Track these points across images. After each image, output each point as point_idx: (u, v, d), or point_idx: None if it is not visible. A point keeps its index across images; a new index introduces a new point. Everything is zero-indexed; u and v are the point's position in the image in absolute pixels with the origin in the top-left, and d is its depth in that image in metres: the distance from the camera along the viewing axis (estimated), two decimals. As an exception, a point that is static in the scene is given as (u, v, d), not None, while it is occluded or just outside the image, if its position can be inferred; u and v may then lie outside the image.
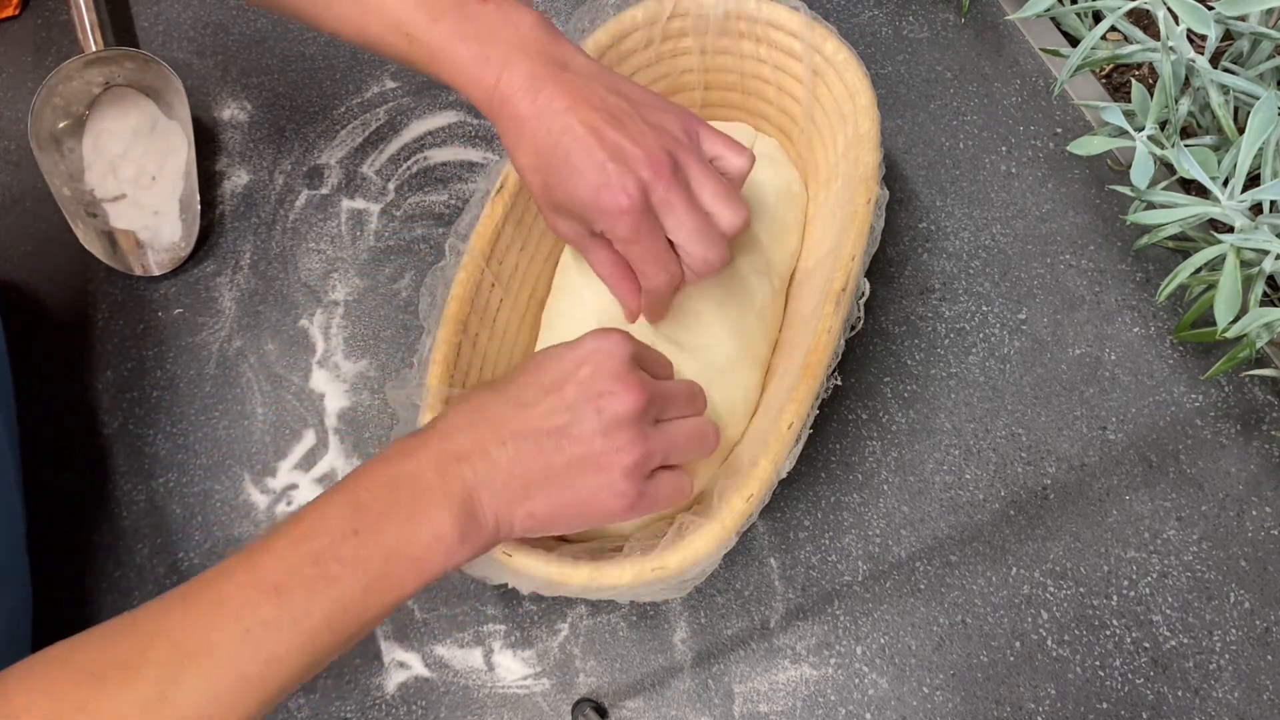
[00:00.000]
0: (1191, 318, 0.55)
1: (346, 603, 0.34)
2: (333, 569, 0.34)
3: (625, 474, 0.38)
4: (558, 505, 0.38)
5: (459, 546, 0.36)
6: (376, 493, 0.36)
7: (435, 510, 0.35)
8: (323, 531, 0.34)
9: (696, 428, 0.41)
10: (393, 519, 0.35)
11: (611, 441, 0.38)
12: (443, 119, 0.66)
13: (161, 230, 0.62)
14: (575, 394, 0.38)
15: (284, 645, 0.33)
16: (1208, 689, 0.50)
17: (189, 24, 0.70)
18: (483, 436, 0.37)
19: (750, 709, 0.50)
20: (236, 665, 0.32)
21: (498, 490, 0.37)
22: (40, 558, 0.54)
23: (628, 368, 0.39)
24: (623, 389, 0.38)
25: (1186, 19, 0.47)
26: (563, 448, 0.37)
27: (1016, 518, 0.54)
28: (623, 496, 0.38)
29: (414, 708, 0.50)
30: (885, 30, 0.68)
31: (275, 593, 0.33)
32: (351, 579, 0.34)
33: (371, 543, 0.34)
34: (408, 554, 0.35)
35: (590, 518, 0.38)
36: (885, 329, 0.58)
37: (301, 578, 0.33)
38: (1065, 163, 0.63)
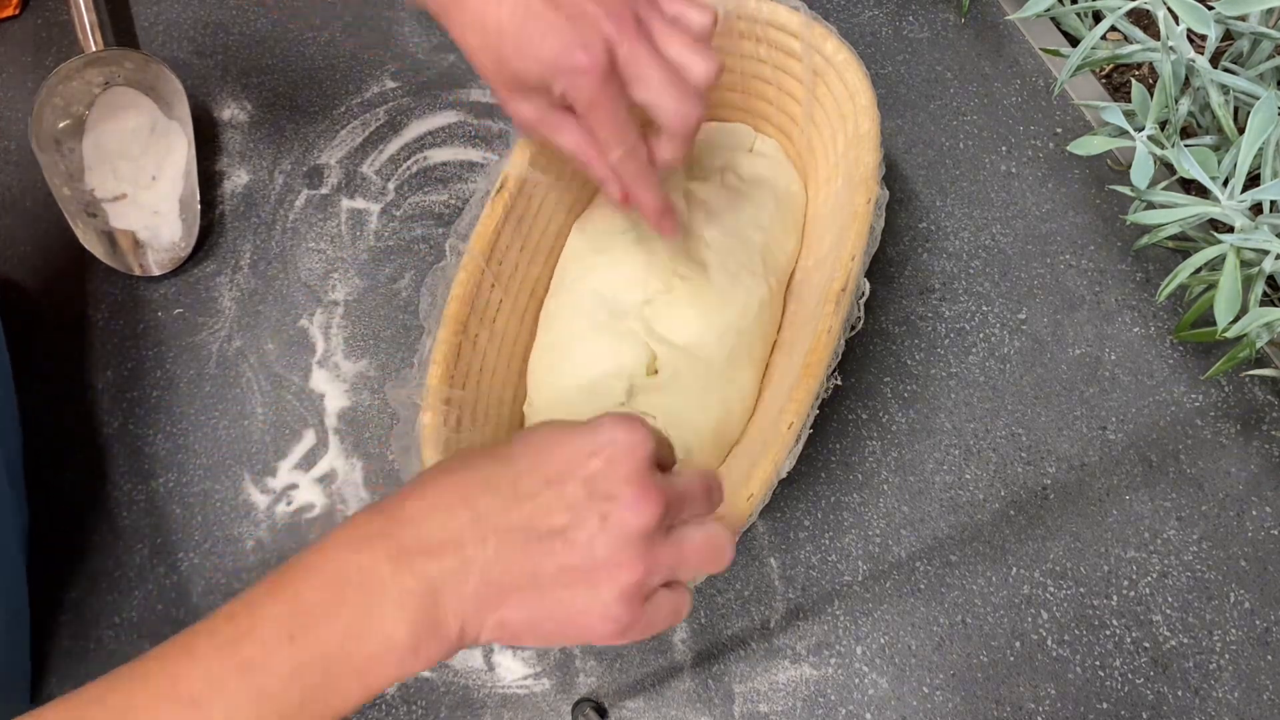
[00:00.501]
0: (1191, 318, 0.55)
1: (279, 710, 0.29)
2: (261, 680, 0.29)
3: (621, 595, 0.32)
4: (536, 618, 0.32)
5: (411, 657, 0.31)
6: (320, 592, 0.30)
7: (388, 615, 0.30)
8: (256, 636, 0.30)
9: (711, 540, 0.35)
10: (337, 623, 0.30)
11: (613, 556, 0.32)
12: (443, 119, 0.66)
13: (161, 230, 0.62)
14: (580, 493, 0.32)
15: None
16: (1208, 689, 0.50)
17: (189, 24, 0.70)
18: (461, 528, 0.32)
19: (750, 709, 0.50)
20: None
21: (467, 595, 0.31)
22: (40, 558, 0.54)
23: (645, 470, 0.33)
24: (636, 497, 0.32)
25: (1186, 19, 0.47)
26: (554, 553, 0.32)
27: (1016, 518, 0.54)
28: (614, 621, 0.32)
29: (414, 708, 0.50)
30: (885, 30, 0.68)
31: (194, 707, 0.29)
32: (285, 693, 0.29)
33: (310, 651, 0.30)
34: (352, 665, 0.30)
35: (571, 637, 0.33)
36: (885, 329, 0.58)
37: (225, 692, 0.29)
38: (1065, 163, 0.63)
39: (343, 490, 0.55)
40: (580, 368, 0.50)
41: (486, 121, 0.66)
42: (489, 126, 0.66)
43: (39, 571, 0.53)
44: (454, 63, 0.68)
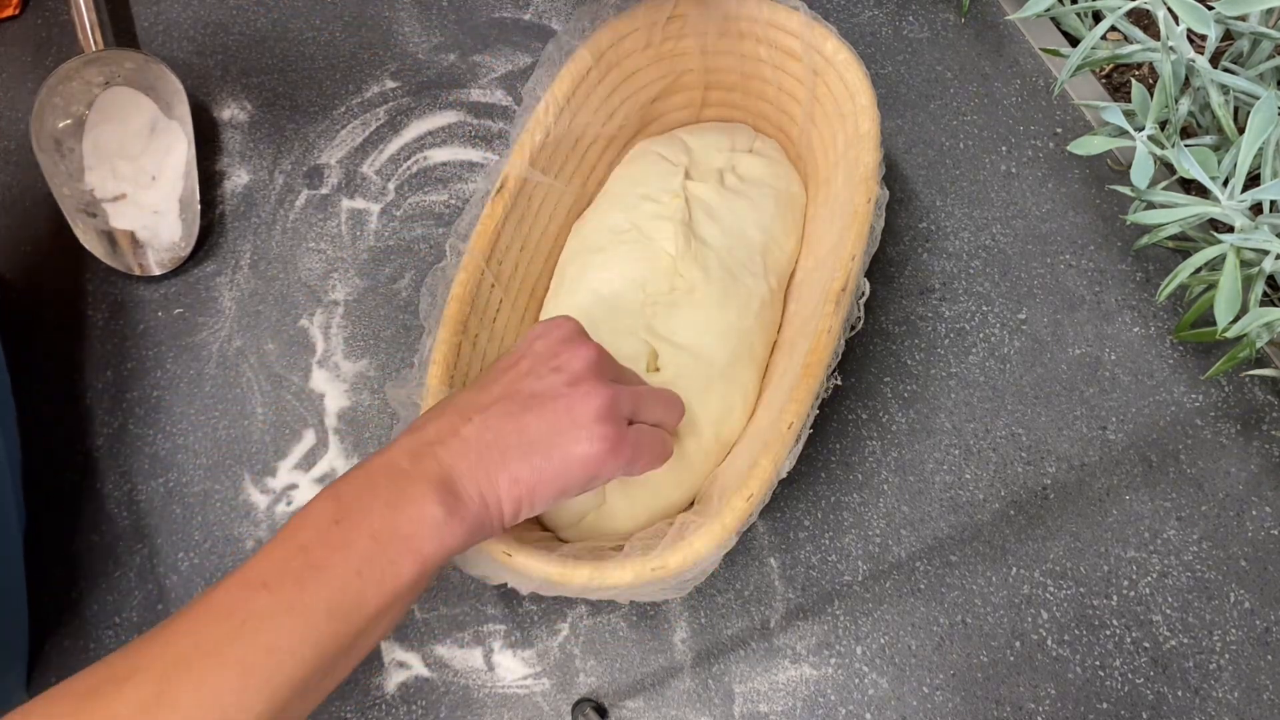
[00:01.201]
0: (1191, 318, 0.55)
1: (341, 587, 0.33)
2: (319, 556, 0.33)
3: (597, 417, 0.38)
4: (538, 466, 0.37)
5: (447, 523, 0.35)
6: (355, 486, 0.35)
7: (415, 492, 0.35)
8: (306, 526, 0.34)
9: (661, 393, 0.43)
10: (374, 505, 0.35)
11: (576, 389, 0.38)
12: (443, 119, 0.66)
13: (161, 230, 0.62)
14: (531, 363, 0.40)
15: (283, 635, 0.32)
16: (1208, 689, 0.50)
17: (189, 24, 0.70)
18: (451, 420, 0.38)
19: (750, 709, 0.50)
20: (234, 658, 0.31)
21: (473, 463, 0.36)
22: (39, 558, 0.54)
23: (577, 332, 0.41)
24: (576, 347, 0.40)
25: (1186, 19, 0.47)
26: (529, 406, 0.38)
27: (1016, 518, 0.54)
28: (602, 439, 0.38)
29: (414, 708, 0.50)
30: (885, 30, 0.68)
31: (264, 588, 0.32)
32: (341, 564, 0.33)
33: (356, 528, 0.34)
34: (395, 534, 0.34)
35: (576, 473, 0.38)
36: (885, 329, 0.58)
37: (289, 570, 0.33)
38: (1065, 163, 0.63)
39: (343, 490, 0.55)
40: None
41: (486, 121, 0.66)
42: (489, 126, 0.66)
43: (39, 572, 0.53)
44: (454, 63, 0.68)
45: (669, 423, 0.44)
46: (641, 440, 0.40)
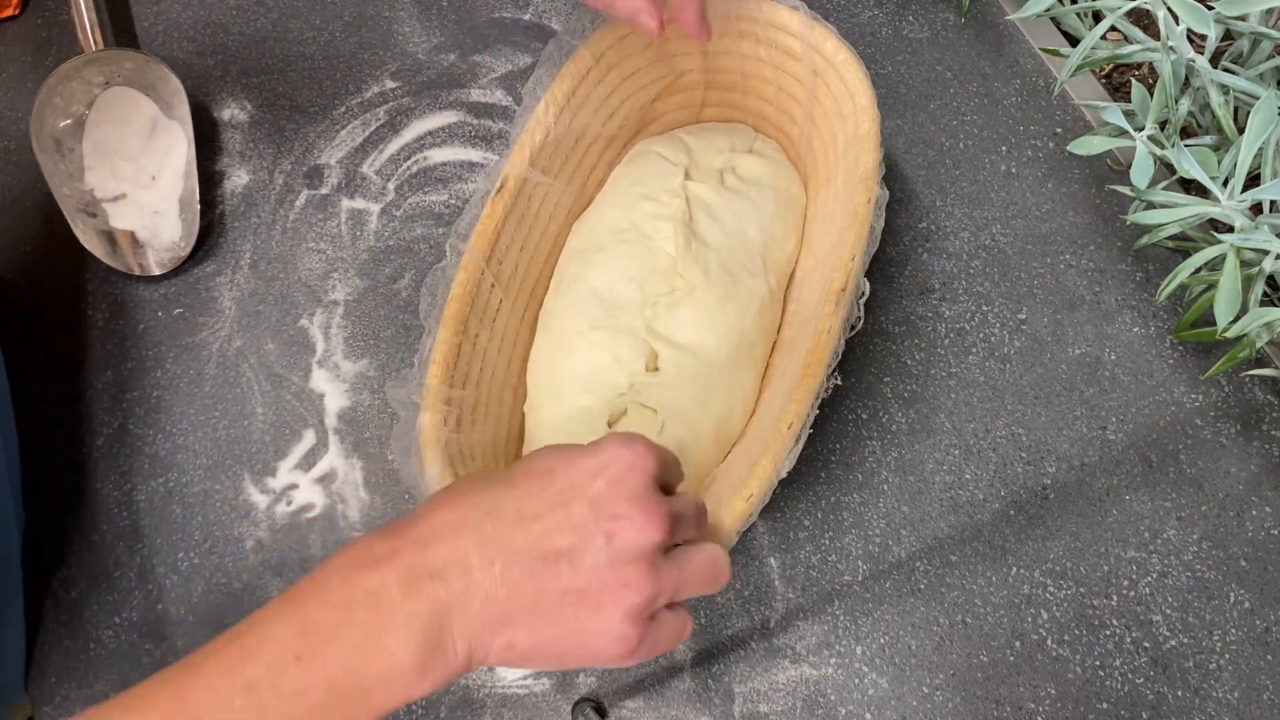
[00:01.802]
0: (1191, 318, 0.55)
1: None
2: (267, 701, 0.29)
3: (628, 615, 0.32)
4: (544, 640, 0.32)
5: (417, 681, 0.31)
6: (328, 611, 0.31)
7: (395, 637, 0.30)
8: (261, 655, 0.30)
9: (711, 559, 0.35)
10: (344, 644, 0.30)
11: (619, 576, 0.32)
12: (443, 119, 0.66)
13: (161, 230, 0.62)
14: (585, 514, 0.33)
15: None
16: (1208, 689, 0.50)
17: (189, 24, 0.70)
18: (466, 550, 0.32)
19: (750, 709, 0.50)
20: None
21: (473, 617, 0.31)
22: (39, 558, 0.54)
23: (649, 489, 0.33)
24: (642, 517, 0.32)
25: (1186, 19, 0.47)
26: (560, 575, 0.32)
27: (1016, 518, 0.54)
28: (622, 642, 0.33)
29: (413, 707, 0.50)
30: (885, 30, 0.68)
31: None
32: (290, 714, 0.30)
33: (315, 671, 0.30)
34: (356, 686, 0.30)
35: (579, 659, 0.33)
36: (885, 329, 0.58)
37: (230, 710, 0.29)
38: (1065, 163, 0.63)
39: (342, 490, 0.55)
40: (580, 366, 0.50)
41: (486, 121, 0.66)
42: (489, 126, 0.66)
43: (38, 572, 0.53)
44: (454, 63, 0.68)
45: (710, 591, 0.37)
46: (662, 637, 0.34)
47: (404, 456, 0.46)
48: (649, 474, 0.33)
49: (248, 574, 0.53)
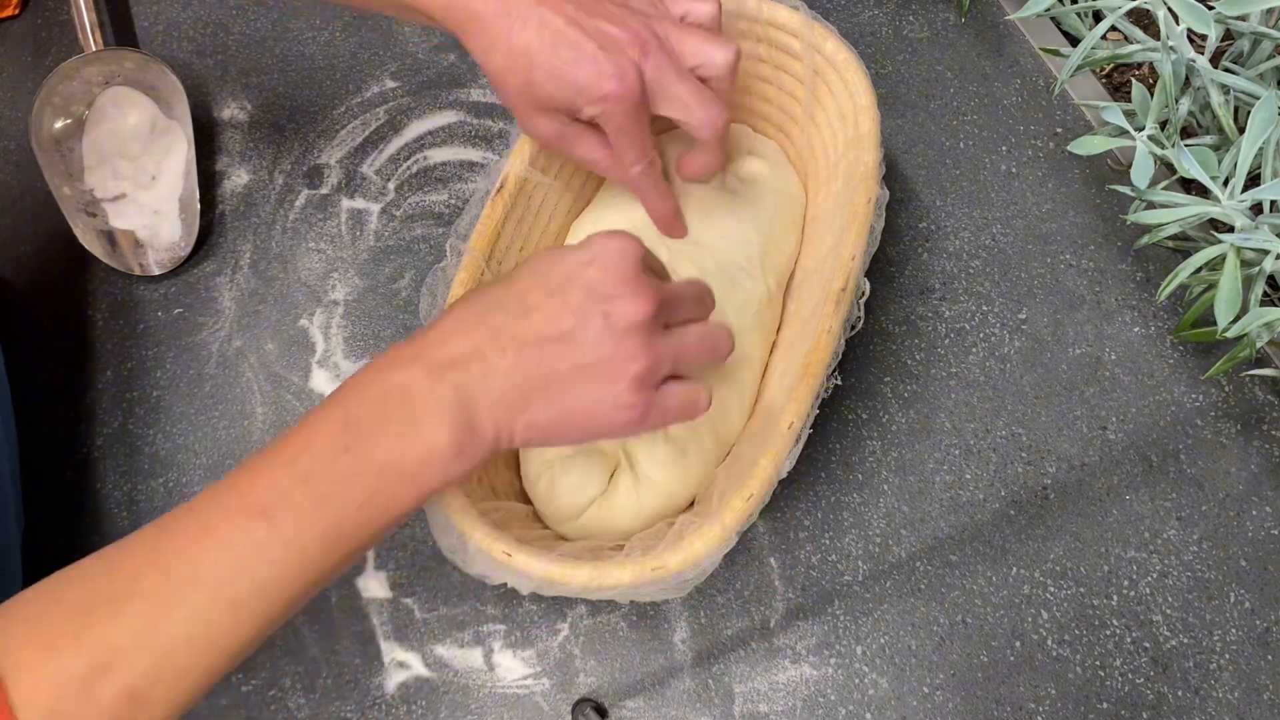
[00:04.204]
0: (1192, 317, 0.55)
1: (340, 521, 0.33)
2: (323, 488, 0.33)
3: (633, 384, 0.36)
4: (560, 415, 0.36)
5: (455, 460, 0.34)
6: (367, 408, 0.34)
7: (429, 423, 0.34)
8: (312, 450, 0.33)
9: (707, 333, 0.39)
10: (384, 434, 0.33)
11: (619, 349, 0.35)
12: (443, 119, 0.66)
13: (161, 230, 0.62)
14: (582, 298, 0.36)
15: (276, 569, 0.32)
16: (1208, 689, 0.50)
17: (189, 24, 0.70)
18: (480, 342, 0.35)
19: (750, 709, 0.50)
20: (227, 593, 0.31)
21: (496, 399, 0.35)
22: (38, 558, 0.54)
23: (638, 270, 0.37)
24: (632, 293, 0.36)
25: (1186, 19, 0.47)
26: (566, 354, 0.35)
27: (1016, 518, 0.54)
28: (630, 409, 0.36)
29: (414, 708, 0.50)
30: (885, 30, 0.68)
31: (264, 516, 0.32)
32: (344, 498, 0.33)
33: (363, 459, 0.33)
34: (401, 469, 0.33)
35: (594, 430, 0.37)
36: (885, 329, 0.58)
37: (291, 500, 0.32)
38: (1065, 162, 0.63)
39: (343, 490, 0.55)
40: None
41: (486, 121, 0.66)
42: (489, 126, 0.66)
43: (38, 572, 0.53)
44: (454, 63, 0.68)
45: (711, 363, 0.41)
46: (670, 405, 0.38)
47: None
48: (635, 257, 0.37)
49: (248, 574, 0.53)
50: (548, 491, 0.48)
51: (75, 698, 0.30)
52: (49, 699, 0.29)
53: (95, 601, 0.31)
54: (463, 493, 0.43)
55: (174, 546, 0.32)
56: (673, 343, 0.37)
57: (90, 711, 0.30)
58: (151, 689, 0.30)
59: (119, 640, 0.30)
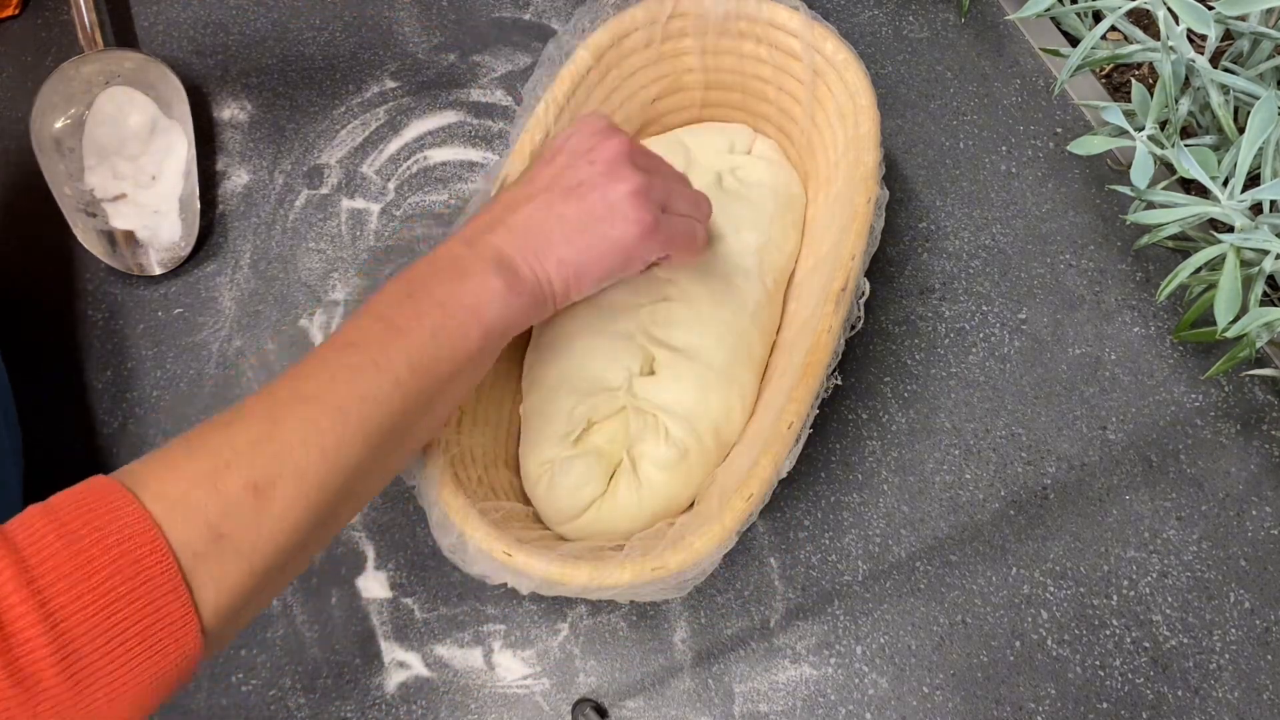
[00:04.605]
0: (1191, 317, 0.55)
1: (419, 347, 0.37)
2: (397, 322, 0.37)
3: (631, 199, 0.41)
4: (581, 247, 0.41)
5: (507, 293, 0.39)
6: (421, 269, 0.40)
7: (476, 269, 0.39)
8: (381, 301, 0.39)
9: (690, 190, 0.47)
10: (441, 282, 0.39)
11: (610, 177, 0.42)
12: (443, 119, 0.66)
13: (161, 230, 0.62)
14: (568, 158, 0.43)
15: (372, 384, 0.36)
16: (1208, 689, 0.50)
17: (189, 24, 0.70)
18: (498, 213, 0.42)
19: (750, 709, 0.50)
20: (332, 404, 0.35)
21: (523, 245, 0.40)
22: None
23: (608, 126, 0.44)
24: (608, 139, 0.43)
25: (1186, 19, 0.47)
26: (569, 197, 0.41)
27: (1016, 517, 0.54)
28: (637, 222, 0.41)
29: (414, 708, 0.50)
30: (885, 30, 0.68)
31: (352, 347, 0.37)
32: (417, 328, 0.37)
33: (426, 300, 0.38)
34: (461, 304, 0.38)
35: (616, 254, 0.42)
36: (885, 329, 0.58)
37: (372, 334, 0.37)
38: (1065, 162, 0.63)
39: (343, 490, 0.55)
40: (575, 368, 0.50)
41: (486, 121, 0.66)
42: (489, 126, 0.66)
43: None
44: (454, 63, 0.68)
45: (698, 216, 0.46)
46: (674, 227, 0.44)
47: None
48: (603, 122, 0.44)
49: (248, 574, 0.53)
50: (548, 491, 0.48)
51: (202, 489, 0.32)
52: (177, 492, 0.32)
53: (205, 430, 0.34)
54: (463, 493, 0.43)
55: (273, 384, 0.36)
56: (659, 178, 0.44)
57: (216, 501, 0.32)
58: (273, 484, 0.33)
59: (237, 443, 0.33)
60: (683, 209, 0.45)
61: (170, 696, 0.32)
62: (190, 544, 0.31)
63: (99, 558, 0.30)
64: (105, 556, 0.30)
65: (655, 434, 0.48)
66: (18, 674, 0.28)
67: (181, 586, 0.31)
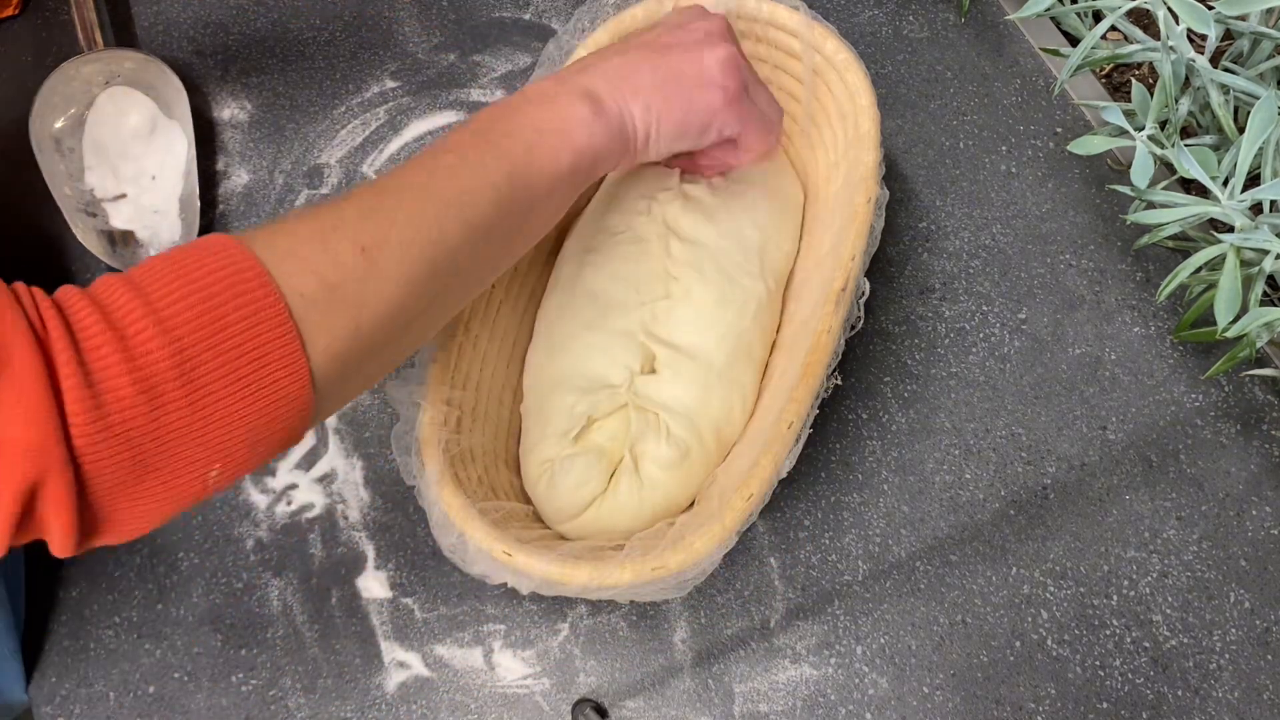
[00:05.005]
0: (1192, 317, 0.55)
1: (514, 163, 0.39)
2: (494, 137, 0.39)
3: (721, 68, 0.44)
4: (667, 98, 0.43)
5: (594, 120, 0.41)
6: (513, 100, 0.42)
7: (564, 100, 0.41)
8: (477, 120, 0.41)
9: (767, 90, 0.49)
10: (530, 109, 0.41)
11: (705, 44, 0.44)
12: (443, 119, 0.66)
13: (161, 229, 0.62)
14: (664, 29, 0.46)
15: (472, 180, 0.38)
16: (1208, 689, 0.50)
17: (189, 23, 0.70)
18: (590, 59, 0.44)
19: (750, 709, 0.50)
20: (435, 192, 0.37)
21: (614, 84, 0.42)
22: (38, 559, 0.54)
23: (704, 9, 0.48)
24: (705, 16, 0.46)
25: (1186, 18, 0.47)
26: (666, 53, 0.44)
27: (1016, 517, 0.54)
28: (722, 90, 0.44)
29: (414, 707, 0.50)
30: (885, 30, 0.68)
31: (452, 152, 0.38)
32: (510, 146, 0.39)
33: (517, 123, 0.40)
34: (552, 127, 0.40)
35: (698, 113, 0.44)
36: (885, 329, 0.58)
37: (471, 145, 0.39)
38: (1065, 162, 0.63)
39: (342, 490, 0.55)
40: (576, 368, 0.50)
41: (486, 121, 0.66)
42: (489, 126, 0.66)
43: (39, 572, 0.53)
44: (454, 63, 0.68)
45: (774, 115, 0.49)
46: (753, 110, 0.46)
47: (404, 455, 0.46)
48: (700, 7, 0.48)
49: (248, 574, 0.53)
50: (548, 491, 0.48)
51: (310, 245, 0.33)
52: (288, 244, 0.33)
53: (319, 205, 0.36)
54: (463, 492, 0.43)
55: (375, 181, 0.37)
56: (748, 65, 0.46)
57: (326, 258, 0.33)
58: (379, 248, 0.34)
59: (346, 213, 0.35)
60: (762, 101, 0.47)
61: (281, 450, 0.34)
62: (299, 290, 0.32)
63: (211, 287, 0.31)
64: (217, 286, 0.31)
65: (656, 433, 0.48)
66: (143, 382, 0.29)
67: (291, 326, 0.32)
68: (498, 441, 0.51)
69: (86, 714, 0.51)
